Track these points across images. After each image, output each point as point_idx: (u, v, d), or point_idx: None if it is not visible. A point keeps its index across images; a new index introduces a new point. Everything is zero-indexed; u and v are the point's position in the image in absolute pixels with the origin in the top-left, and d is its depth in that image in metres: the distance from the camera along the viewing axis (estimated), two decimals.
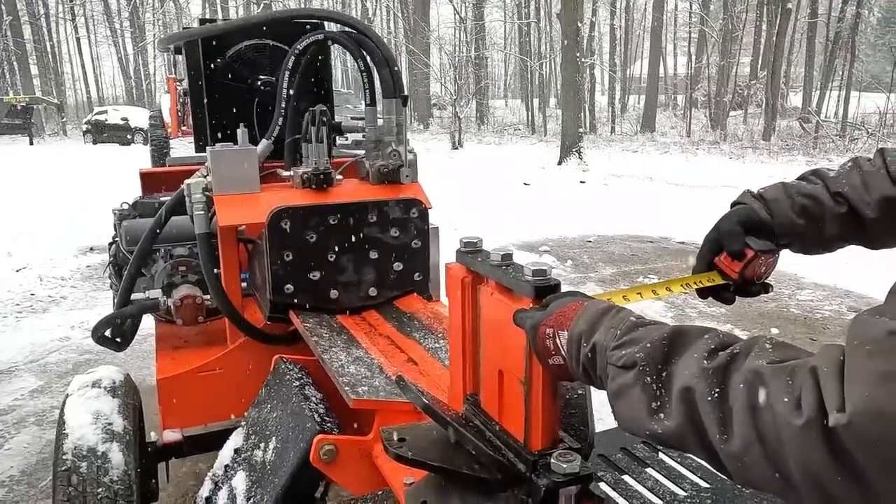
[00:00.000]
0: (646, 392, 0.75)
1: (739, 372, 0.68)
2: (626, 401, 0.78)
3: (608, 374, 0.81)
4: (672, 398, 0.72)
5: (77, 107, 40.50)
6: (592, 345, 0.84)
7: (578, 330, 0.86)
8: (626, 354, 0.78)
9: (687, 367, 0.72)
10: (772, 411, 0.63)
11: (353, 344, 1.77)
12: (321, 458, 1.37)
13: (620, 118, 31.69)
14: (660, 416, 0.73)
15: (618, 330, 0.82)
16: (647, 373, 0.75)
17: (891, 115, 22.78)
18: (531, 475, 1.03)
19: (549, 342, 0.90)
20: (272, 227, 1.90)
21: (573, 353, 0.87)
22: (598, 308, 0.89)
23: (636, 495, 1.27)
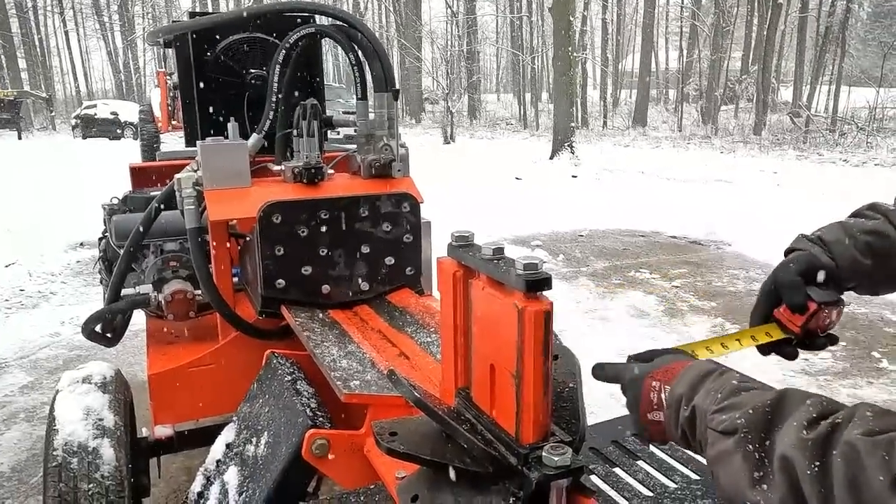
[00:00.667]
0: (747, 461, 0.73)
1: (840, 443, 0.66)
2: (727, 468, 0.75)
3: (707, 439, 0.79)
4: (774, 468, 0.70)
5: (66, 101, 40.18)
6: (692, 408, 0.82)
7: (679, 392, 0.85)
8: (727, 420, 0.76)
9: (788, 436, 0.70)
10: (870, 490, 0.61)
11: (345, 338, 1.77)
12: (313, 452, 1.37)
13: (612, 113, 31.75)
14: (762, 487, 0.71)
15: (719, 394, 0.80)
16: (748, 440, 0.73)
17: (880, 110, 22.92)
18: (522, 468, 1.03)
19: (654, 395, 0.88)
20: (263, 221, 1.89)
21: (671, 414, 0.85)
22: (701, 370, 0.86)
23: (627, 488, 1.28)
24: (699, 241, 7.40)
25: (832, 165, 15.84)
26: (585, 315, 4.83)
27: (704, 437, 0.79)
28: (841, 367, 3.80)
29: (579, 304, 5.08)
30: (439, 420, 1.08)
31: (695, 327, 4.60)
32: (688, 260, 6.54)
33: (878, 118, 22.40)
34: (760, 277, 5.91)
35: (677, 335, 4.43)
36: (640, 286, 5.58)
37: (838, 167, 15.53)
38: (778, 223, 8.06)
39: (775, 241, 7.02)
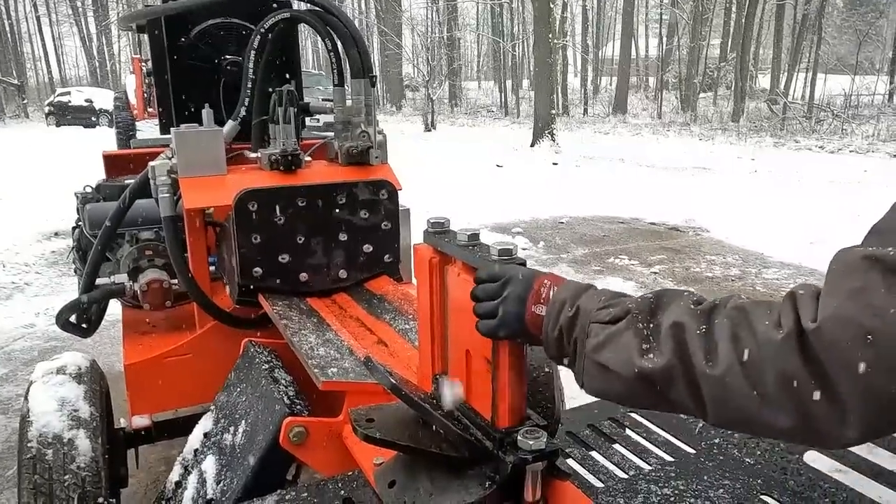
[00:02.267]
0: (637, 336, 0.82)
1: (724, 309, 0.77)
2: (615, 347, 0.84)
3: (589, 332, 0.88)
4: (662, 337, 0.79)
5: (39, 88, 39.33)
6: (576, 308, 0.91)
7: (564, 295, 0.93)
8: (615, 311, 0.86)
9: (676, 310, 0.81)
10: (753, 334, 0.71)
11: (323, 326, 1.77)
12: (291, 440, 1.37)
13: (593, 100, 31.81)
14: (650, 356, 0.80)
15: (603, 296, 0.91)
16: (638, 319, 0.83)
17: (855, 97, 23.22)
18: (498, 452, 1.04)
19: (544, 291, 0.96)
20: (239, 209, 1.87)
21: (553, 312, 0.93)
22: (581, 284, 0.96)
23: (603, 470, 1.29)
24: (678, 227, 7.46)
25: (808, 152, 16.03)
26: None
27: (585, 333, 0.88)
28: None
29: None
30: (415, 406, 1.09)
31: None
32: (666, 246, 6.60)
33: (853, 105, 22.70)
34: (737, 263, 5.99)
35: None
36: (619, 272, 5.62)
37: (814, 154, 15.73)
38: (755, 210, 8.16)
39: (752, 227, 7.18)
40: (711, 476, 1.25)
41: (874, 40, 35.23)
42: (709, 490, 1.20)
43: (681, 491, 1.21)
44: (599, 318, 0.87)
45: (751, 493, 1.19)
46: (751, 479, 1.23)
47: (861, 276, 0.65)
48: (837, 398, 0.66)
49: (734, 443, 1.33)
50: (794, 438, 0.74)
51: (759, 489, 1.20)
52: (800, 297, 0.70)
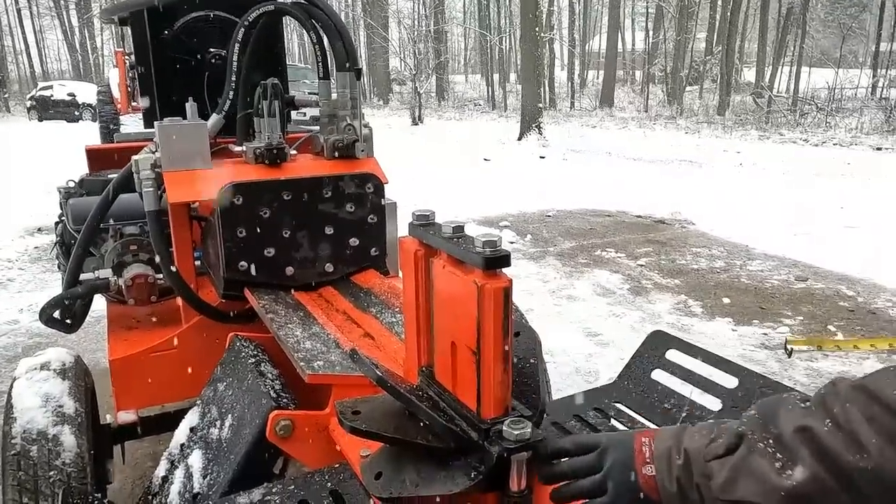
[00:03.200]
0: (765, 456, 0.74)
1: (838, 396, 0.69)
2: (748, 475, 0.75)
3: (711, 473, 0.79)
4: (792, 447, 0.72)
5: (20, 82, 38.80)
6: (684, 452, 0.83)
7: (666, 445, 0.86)
8: (725, 440, 0.78)
9: (791, 416, 0.73)
10: (889, 409, 0.64)
11: (310, 320, 1.76)
12: (277, 433, 1.37)
13: (580, 93, 31.86)
14: (789, 472, 0.71)
15: (704, 430, 0.83)
16: (758, 439, 0.75)
17: (839, 91, 23.42)
18: (483, 443, 1.05)
19: (647, 449, 0.88)
20: (224, 203, 1.86)
21: (663, 467, 0.85)
22: (676, 427, 0.89)
23: None
24: (664, 220, 7.51)
25: (793, 145, 16.18)
26: (552, 294, 4.88)
27: (705, 476, 0.79)
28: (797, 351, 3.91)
29: (546, 284, 5.12)
30: (401, 398, 1.09)
31: (659, 304, 4.68)
32: (653, 239, 6.64)
33: (836, 98, 22.90)
34: (722, 255, 6.04)
35: (642, 312, 4.51)
36: (606, 265, 5.65)
37: (799, 147, 15.87)
38: (740, 203, 8.23)
39: (737, 220, 7.23)
40: None
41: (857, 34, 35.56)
42: None
43: None
44: (715, 454, 0.78)
45: None
46: None
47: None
48: None
49: None
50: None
51: None
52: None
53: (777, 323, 4.30)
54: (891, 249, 5.83)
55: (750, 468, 0.75)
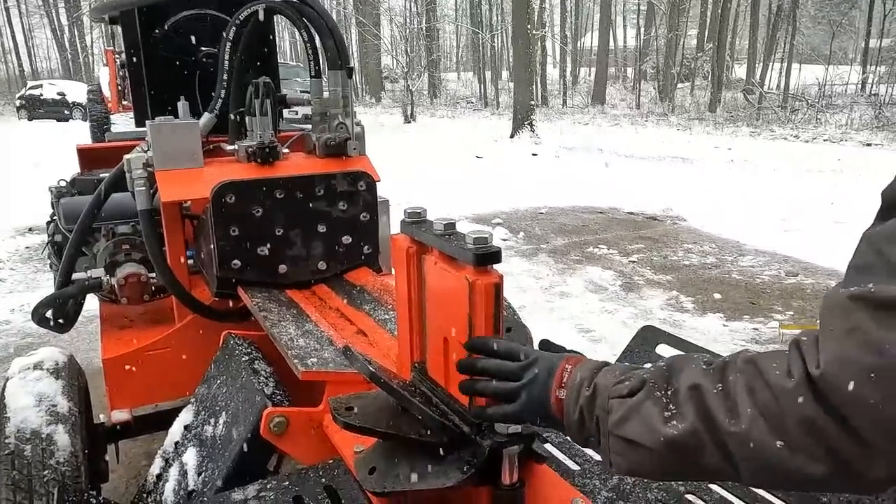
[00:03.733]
0: (657, 404, 0.82)
1: (736, 365, 0.78)
2: (637, 419, 0.83)
3: (610, 409, 0.87)
4: (681, 401, 0.80)
5: (9, 81, 38.50)
6: (594, 386, 0.90)
7: (581, 375, 0.93)
8: (631, 383, 0.86)
9: (691, 374, 0.82)
10: (768, 385, 0.72)
11: (303, 318, 1.77)
12: (271, 430, 1.38)
13: (572, 91, 31.92)
14: (673, 422, 0.79)
15: (617, 371, 0.91)
16: (656, 388, 0.83)
17: (829, 87, 23.56)
18: (476, 437, 1.06)
19: (566, 375, 0.95)
20: (216, 202, 1.87)
21: (572, 395, 0.93)
22: (598, 361, 0.97)
23: (580, 454, 1.32)
24: (656, 216, 7.54)
25: (784, 141, 16.26)
26: (545, 291, 4.90)
27: (605, 410, 0.87)
28: (789, 335, 3.95)
29: (539, 281, 5.15)
30: (394, 393, 1.10)
31: (651, 300, 4.71)
32: (644, 235, 6.67)
33: (826, 95, 23.04)
34: (714, 251, 6.08)
35: (634, 308, 4.54)
36: (598, 262, 5.68)
37: (789, 143, 15.96)
38: (731, 199, 8.27)
39: (729, 216, 7.27)
40: None
41: (848, 30, 35.76)
42: None
43: None
44: (618, 393, 0.87)
45: None
46: None
47: (850, 317, 0.66)
48: (861, 439, 0.66)
49: None
50: (832, 487, 0.74)
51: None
52: (803, 343, 0.71)
53: (768, 318, 4.34)
54: None
55: (641, 412, 0.83)
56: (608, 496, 1.19)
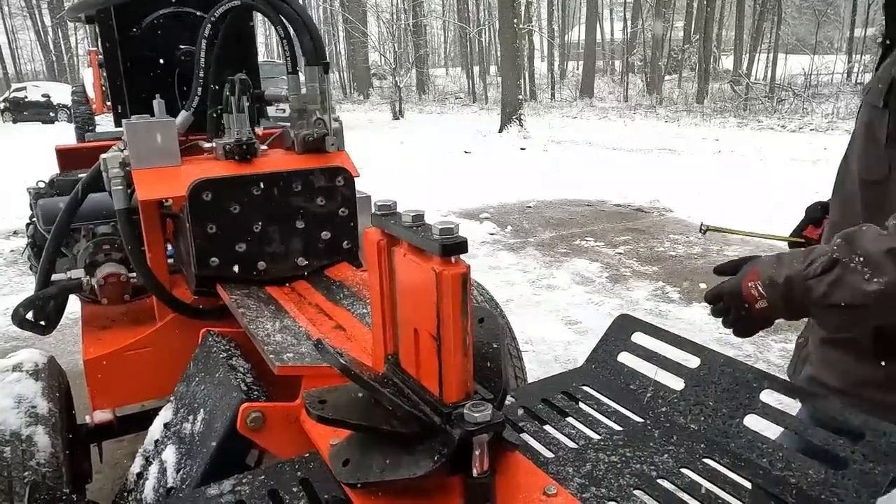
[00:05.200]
0: (855, 272, 1.04)
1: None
2: (842, 286, 1.05)
3: (810, 288, 1.08)
4: (876, 263, 1.02)
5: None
6: (785, 278, 1.12)
7: (767, 275, 1.15)
8: (821, 263, 1.07)
9: (875, 241, 1.03)
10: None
11: (281, 313, 1.77)
12: (248, 425, 1.38)
13: (560, 84, 31.95)
14: (876, 279, 1.02)
15: (795, 259, 1.12)
16: (849, 260, 1.05)
17: (815, 76, 23.69)
18: (446, 426, 1.07)
19: (754, 291, 1.18)
20: (193, 199, 1.86)
21: (771, 294, 1.15)
22: (771, 257, 1.19)
23: (554, 442, 1.33)
24: (643, 208, 7.58)
25: (771, 131, 16.36)
26: (532, 284, 4.92)
27: (806, 289, 1.09)
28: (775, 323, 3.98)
29: (526, 274, 5.16)
30: (365, 384, 1.11)
31: (637, 291, 4.74)
32: (631, 227, 6.70)
33: (812, 84, 23.17)
34: (700, 241, 6.11)
35: (620, 300, 4.56)
36: (585, 254, 5.70)
37: (776, 133, 16.05)
38: (718, 189, 8.32)
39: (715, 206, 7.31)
40: (657, 442, 1.30)
41: (833, 20, 35.92)
42: (654, 455, 1.25)
43: (627, 458, 1.25)
44: (813, 274, 1.08)
45: (694, 456, 1.24)
46: (694, 444, 1.28)
47: None
48: None
49: (680, 410, 1.38)
50: None
51: (702, 453, 1.25)
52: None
53: None
54: None
55: (845, 281, 1.04)
56: (581, 483, 1.20)
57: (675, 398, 1.41)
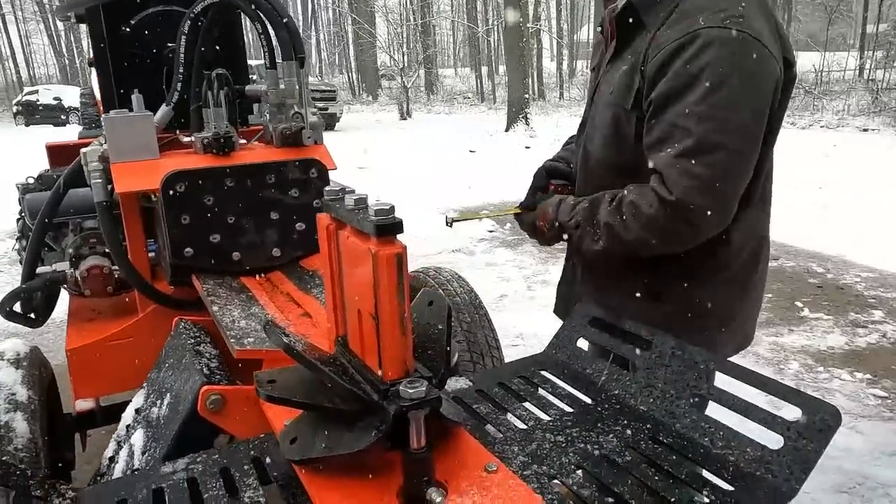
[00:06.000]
0: (588, 234, 1.59)
1: (624, 205, 1.50)
2: (583, 241, 1.61)
3: (570, 234, 1.65)
4: (601, 232, 1.56)
5: (7, 88, 38.62)
6: (559, 223, 1.67)
7: (549, 217, 1.70)
8: (574, 221, 1.61)
9: (604, 213, 1.54)
10: (641, 211, 1.47)
11: (252, 302, 1.81)
12: (208, 407, 1.41)
13: (569, 83, 31.87)
14: (600, 241, 1.57)
15: (563, 211, 1.66)
16: (587, 223, 1.59)
17: (826, 73, 23.48)
18: (383, 402, 1.10)
19: (544, 227, 1.74)
20: (167, 191, 1.90)
21: (550, 230, 1.71)
22: (553, 205, 1.70)
23: (504, 423, 1.35)
24: None
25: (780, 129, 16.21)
26: (527, 280, 4.93)
27: (567, 233, 1.66)
28: (765, 317, 3.97)
29: (522, 270, 5.17)
30: (307, 363, 1.13)
31: None
32: None
33: (824, 81, 22.96)
34: None
35: None
36: None
37: (785, 129, 15.87)
38: None
39: None
40: (605, 423, 1.32)
41: (846, 16, 35.58)
42: (600, 436, 1.27)
43: (573, 437, 1.27)
44: (571, 228, 1.63)
45: (639, 435, 1.26)
46: (641, 424, 1.30)
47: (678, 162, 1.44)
48: (694, 227, 1.46)
49: (631, 392, 1.40)
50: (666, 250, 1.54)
51: (648, 433, 1.27)
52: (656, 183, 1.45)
53: None
54: (863, 227, 5.89)
55: (583, 237, 1.61)
56: (524, 461, 1.23)
57: (627, 381, 1.43)
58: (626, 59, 1.52)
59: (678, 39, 1.37)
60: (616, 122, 1.56)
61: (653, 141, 1.44)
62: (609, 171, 1.64)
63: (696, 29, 1.35)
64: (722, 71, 1.33)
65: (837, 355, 3.58)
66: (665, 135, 1.40)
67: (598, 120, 1.64)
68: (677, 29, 1.39)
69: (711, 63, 1.33)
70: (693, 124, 1.35)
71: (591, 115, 1.70)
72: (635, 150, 1.53)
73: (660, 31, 1.44)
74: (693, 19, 1.37)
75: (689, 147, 1.36)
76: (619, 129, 1.56)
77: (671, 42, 1.38)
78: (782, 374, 3.36)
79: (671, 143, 1.39)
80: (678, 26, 1.39)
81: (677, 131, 1.38)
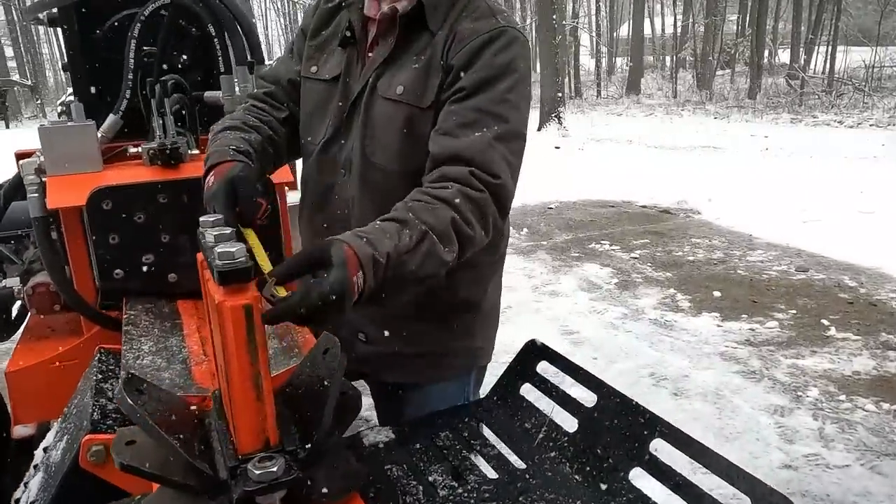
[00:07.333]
0: (436, 244, 1.21)
1: (460, 202, 1.27)
2: (431, 257, 1.19)
3: (405, 262, 1.15)
4: (451, 237, 1.24)
5: (57, 88, 39.90)
6: (387, 254, 1.12)
7: (367, 254, 1.09)
8: (410, 235, 1.17)
9: (443, 216, 1.23)
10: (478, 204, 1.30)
11: (173, 332, 1.65)
12: (89, 459, 1.26)
13: (607, 81, 31.26)
14: (451, 252, 1.24)
15: (383, 235, 1.15)
16: (432, 234, 1.21)
17: (878, 69, 22.46)
18: (231, 483, 0.92)
19: (360, 281, 1.08)
20: (91, 209, 1.76)
21: (372, 276, 1.10)
22: (352, 241, 1.11)
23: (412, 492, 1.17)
24: (669, 209, 7.23)
25: (826, 128, 15.55)
26: (535, 290, 4.71)
27: (402, 262, 1.15)
28: (787, 336, 3.68)
29: (531, 279, 4.95)
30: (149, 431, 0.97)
31: (645, 299, 4.47)
32: (652, 230, 6.39)
33: (875, 77, 21.96)
34: (722, 246, 5.77)
35: (625, 308, 4.31)
36: (597, 258, 5.44)
37: (832, 129, 15.25)
38: (755, 189, 7.87)
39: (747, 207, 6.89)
40: (531, 496, 1.12)
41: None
42: None
43: None
44: (408, 248, 1.16)
45: None
46: (571, 500, 1.09)
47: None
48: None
49: (568, 457, 1.20)
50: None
51: None
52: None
53: (767, 317, 4.05)
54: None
55: (433, 252, 1.18)
56: None
57: (565, 442, 1.23)
58: (411, 59, 1.47)
59: (487, 33, 1.41)
60: (409, 124, 1.46)
61: (452, 126, 1.36)
62: (403, 180, 1.46)
63: (502, 25, 1.42)
64: (522, 66, 1.44)
65: (863, 382, 3.27)
66: (472, 120, 1.36)
67: (378, 129, 1.49)
68: (482, 24, 1.43)
69: (516, 58, 1.42)
70: (505, 110, 1.39)
71: (357, 124, 1.51)
72: (426, 152, 1.44)
73: (460, 27, 1.44)
74: (493, 18, 1.44)
75: (504, 132, 1.37)
76: (413, 130, 1.46)
77: (479, 35, 1.41)
78: (799, 401, 3.07)
79: (481, 126, 1.35)
80: (480, 23, 1.43)
81: (489, 117, 1.37)
